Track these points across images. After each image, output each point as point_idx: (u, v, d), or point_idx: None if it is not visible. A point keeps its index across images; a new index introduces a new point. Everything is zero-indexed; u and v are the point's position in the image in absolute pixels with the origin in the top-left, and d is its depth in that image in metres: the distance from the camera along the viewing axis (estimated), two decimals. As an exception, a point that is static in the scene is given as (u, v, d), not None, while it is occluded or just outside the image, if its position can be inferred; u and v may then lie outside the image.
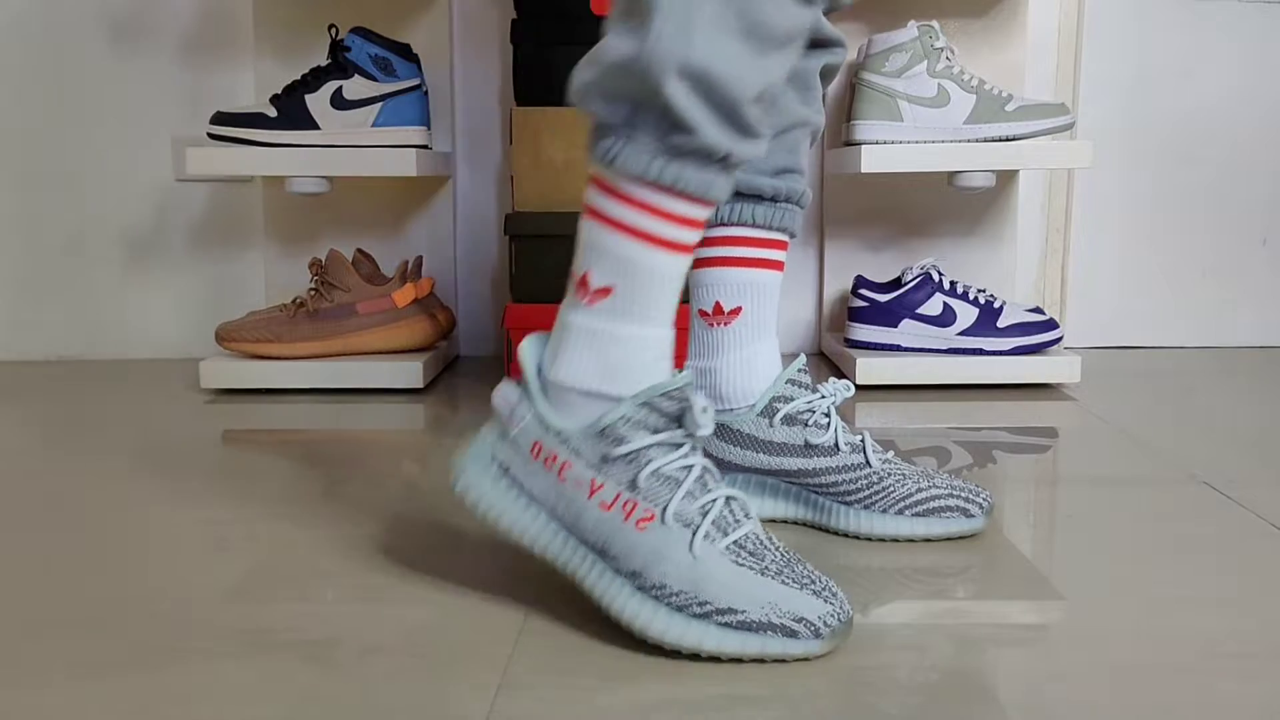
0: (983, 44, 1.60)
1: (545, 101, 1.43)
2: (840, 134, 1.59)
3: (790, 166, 0.86)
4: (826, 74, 0.88)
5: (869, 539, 0.83)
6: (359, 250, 1.49)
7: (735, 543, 0.64)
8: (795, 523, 0.87)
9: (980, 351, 1.41)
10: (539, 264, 1.41)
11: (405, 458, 1.08)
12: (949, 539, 0.83)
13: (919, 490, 0.83)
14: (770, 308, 0.87)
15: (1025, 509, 0.91)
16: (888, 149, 1.35)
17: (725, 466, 0.86)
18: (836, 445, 0.84)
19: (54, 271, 1.66)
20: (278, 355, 1.41)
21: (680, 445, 0.65)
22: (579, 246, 0.67)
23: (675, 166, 0.63)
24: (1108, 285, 1.72)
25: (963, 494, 0.83)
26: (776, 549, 0.65)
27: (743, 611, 0.61)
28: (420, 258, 1.48)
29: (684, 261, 0.66)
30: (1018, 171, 1.63)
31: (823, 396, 0.85)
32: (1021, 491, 0.96)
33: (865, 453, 0.84)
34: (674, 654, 0.63)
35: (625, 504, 0.64)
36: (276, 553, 0.81)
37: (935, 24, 1.41)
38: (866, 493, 0.83)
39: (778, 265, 0.87)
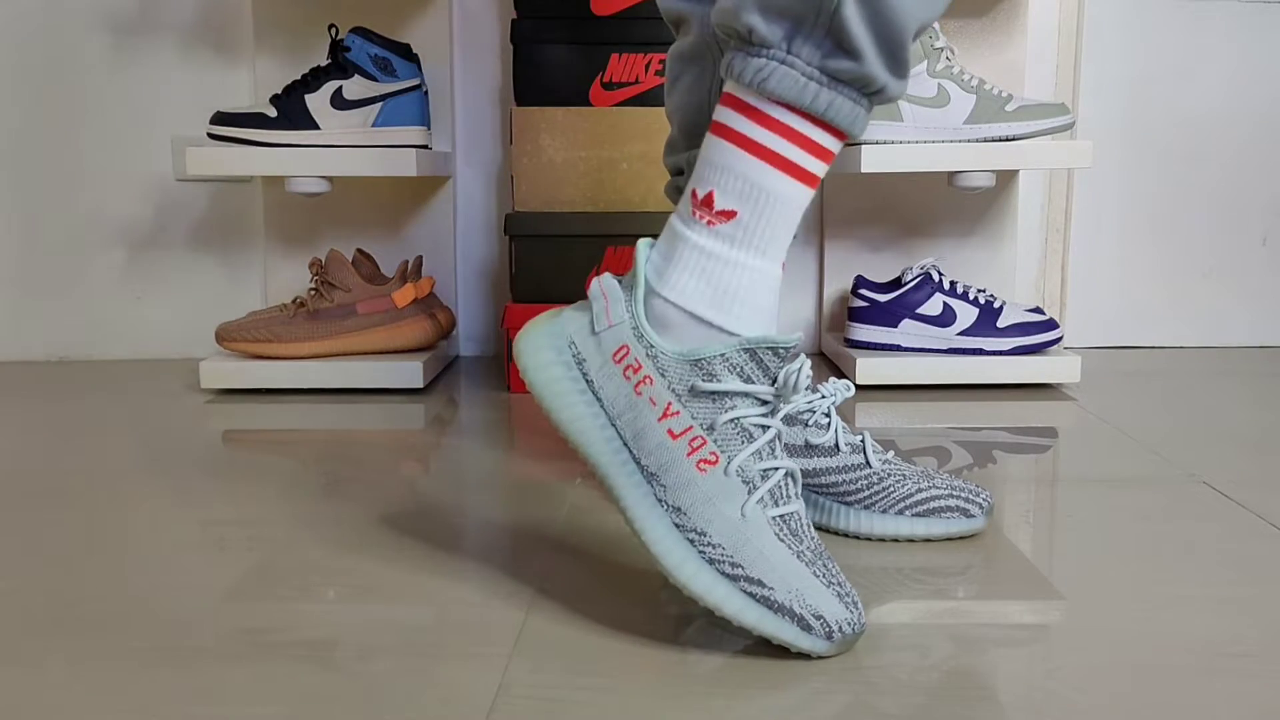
0: (983, 44, 1.60)
1: (545, 101, 1.43)
2: (840, 134, 1.59)
3: None
4: None
5: (869, 539, 0.83)
6: (359, 250, 1.49)
7: (782, 516, 0.63)
8: None
9: (980, 351, 1.41)
10: (539, 264, 1.41)
11: (405, 458, 1.08)
12: (949, 539, 0.83)
13: (919, 490, 0.83)
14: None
15: (1025, 509, 0.91)
16: (888, 149, 1.35)
17: None
18: (837, 445, 0.84)
19: (54, 271, 1.66)
20: (278, 355, 1.41)
21: (766, 403, 0.64)
22: (701, 163, 0.65)
23: (828, 94, 0.61)
24: (1108, 285, 1.72)
25: (963, 494, 0.83)
26: (812, 539, 0.64)
27: (770, 588, 0.61)
28: (420, 258, 1.48)
29: (809, 195, 0.64)
30: (1018, 171, 1.63)
31: (823, 397, 0.85)
32: (1021, 491, 0.96)
33: (865, 453, 0.84)
34: (672, 652, 0.63)
35: (694, 439, 0.63)
36: (276, 553, 0.81)
37: (935, 24, 1.41)
38: (866, 493, 0.83)
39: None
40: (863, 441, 0.85)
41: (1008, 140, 1.38)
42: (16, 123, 1.63)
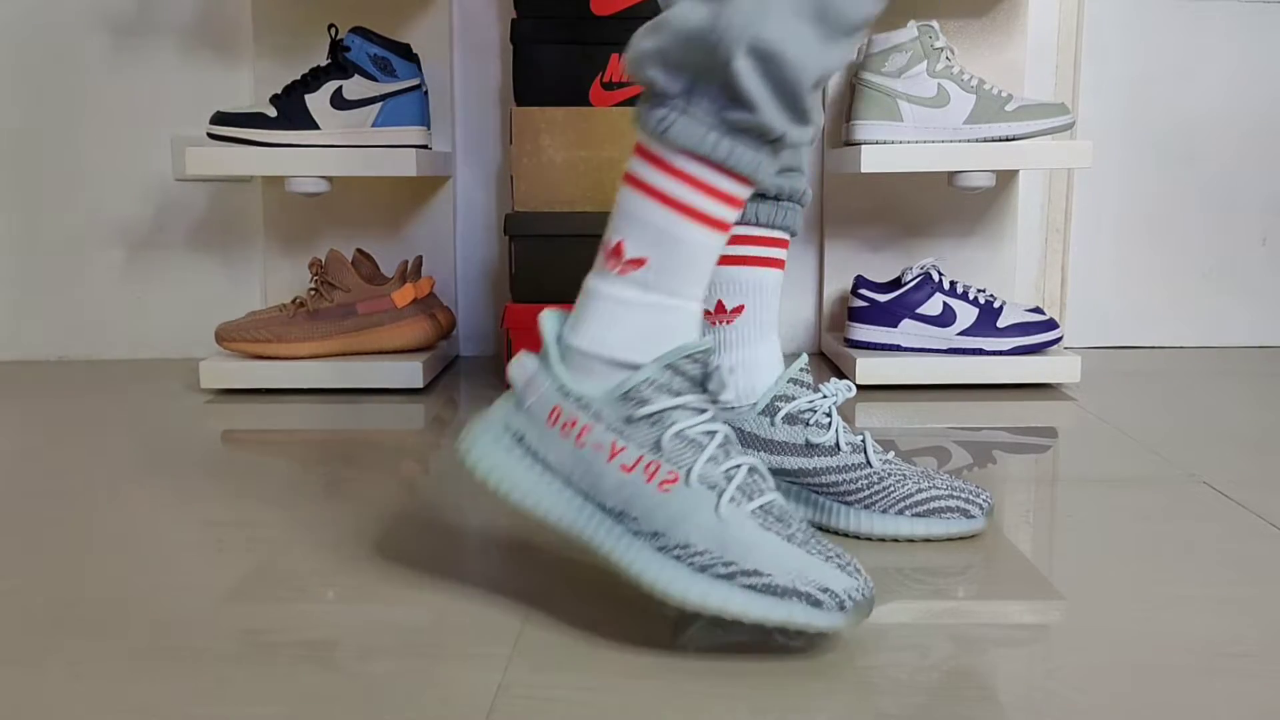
0: (983, 44, 1.60)
1: (545, 101, 1.43)
2: (840, 134, 1.59)
3: (792, 165, 0.86)
4: None
5: (869, 539, 0.83)
6: (359, 250, 1.49)
7: (761, 507, 0.63)
8: None
9: (980, 351, 1.41)
10: (539, 264, 1.41)
11: (405, 458, 1.08)
12: (949, 539, 0.83)
13: (919, 490, 0.83)
14: (772, 307, 0.87)
15: (1025, 509, 0.91)
16: (888, 149, 1.35)
17: None
18: (837, 445, 0.84)
19: (54, 271, 1.66)
20: (277, 355, 1.41)
21: (704, 410, 0.65)
22: (614, 214, 0.66)
23: (729, 142, 0.62)
24: (1108, 285, 1.72)
25: (963, 494, 0.83)
26: (801, 524, 0.64)
27: (768, 574, 0.60)
28: (420, 258, 1.48)
29: (721, 239, 0.66)
30: (1018, 171, 1.63)
31: (824, 396, 0.85)
32: (1021, 491, 0.96)
33: (866, 453, 0.84)
34: (672, 652, 0.63)
35: (648, 466, 0.63)
36: (276, 553, 0.81)
37: (935, 24, 1.41)
38: (867, 493, 0.83)
39: (779, 264, 0.87)
40: (863, 441, 0.85)
41: (1008, 140, 1.38)
42: (16, 123, 1.63)
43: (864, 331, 1.44)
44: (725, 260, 0.85)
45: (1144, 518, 0.88)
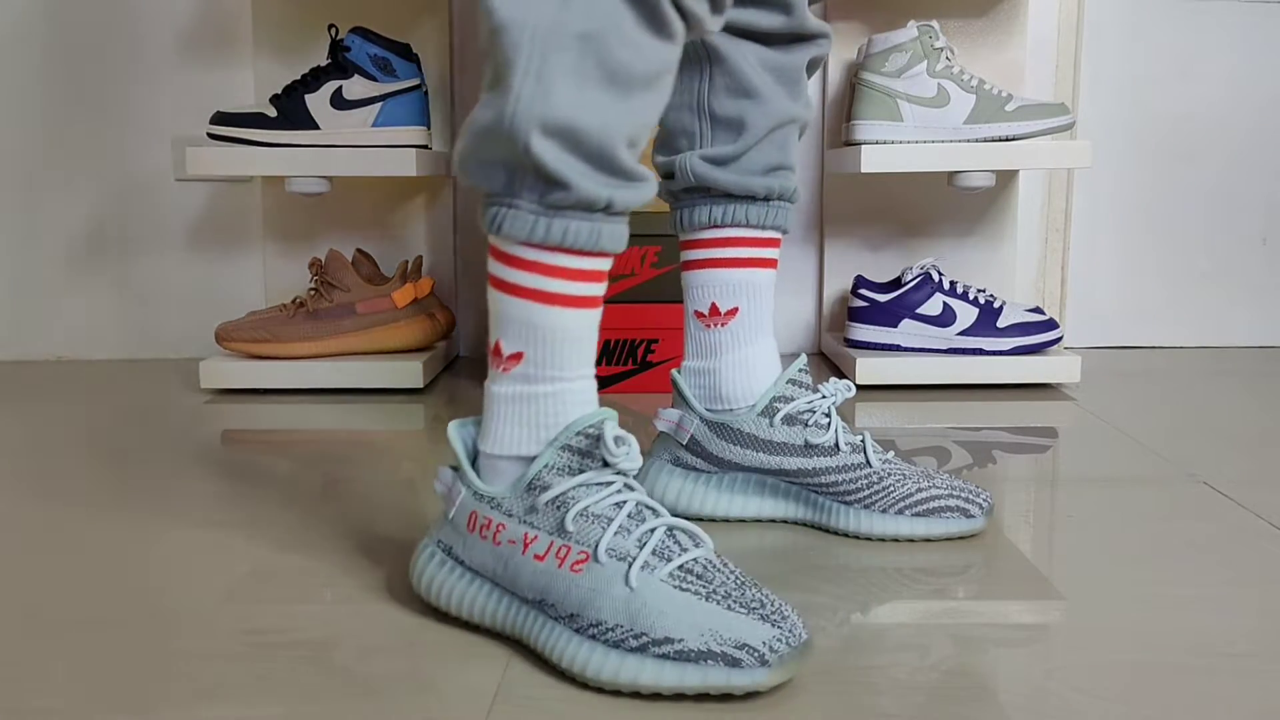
0: (983, 44, 1.60)
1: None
2: (840, 134, 1.59)
3: (780, 163, 0.86)
4: (812, 65, 0.88)
5: (869, 539, 0.83)
6: (359, 250, 1.49)
7: (681, 567, 0.61)
8: (795, 523, 0.87)
9: (980, 351, 1.41)
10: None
11: (405, 458, 1.08)
12: (949, 539, 0.83)
13: (919, 490, 0.83)
14: (766, 306, 0.87)
15: (1025, 509, 0.91)
16: (888, 149, 1.35)
17: (726, 465, 0.86)
18: (837, 445, 0.84)
19: (54, 271, 1.66)
20: (277, 355, 1.41)
21: (610, 484, 0.64)
22: (490, 315, 0.67)
23: (559, 224, 0.62)
24: (1107, 285, 1.72)
25: (963, 494, 0.83)
26: (730, 573, 0.62)
27: (680, 640, 0.58)
28: (420, 258, 1.48)
29: (592, 315, 0.66)
30: (1018, 171, 1.63)
31: (823, 397, 0.86)
32: (1021, 491, 0.96)
33: (865, 453, 0.84)
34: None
35: (559, 551, 0.62)
36: (276, 553, 0.81)
37: (935, 24, 1.41)
38: (866, 493, 0.83)
39: (772, 263, 0.87)
40: (863, 441, 0.85)
41: (1008, 140, 1.38)
42: (17, 123, 1.63)
43: (864, 331, 1.44)
44: (717, 263, 0.86)
45: (1144, 518, 0.88)
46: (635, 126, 0.63)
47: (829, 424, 0.85)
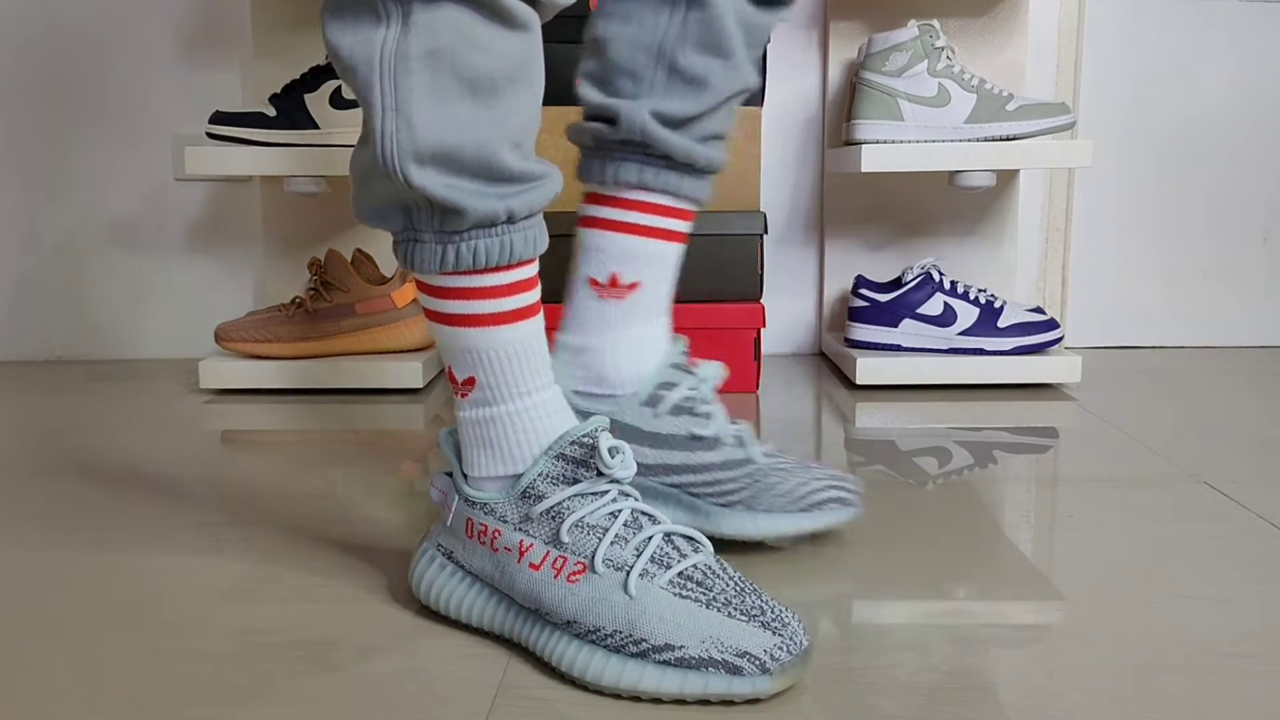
0: (983, 43, 1.60)
1: (545, 101, 1.43)
2: (840, 134, 1.59)
3: (720, 132, 0.79)
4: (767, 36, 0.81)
5: (752, 541, 0.80)
6: (358, 250, 1.49)
7: (680, 574, 0.61)
8: None
9: (981, 351, 1.41)
10: (538, 263, 1.41)
11: (405, 458, 1.08)
12: (829, 530, 0.81)
13: (801, 485, 0.78)
14: (670, 283, 0.79)
15: (1025, 509, 0.91)
16: (888, 149, 1.35)
17: None
18: (719, 438, 0.78)
19: (54, 271, 1.66)
20: (277, 355, 1.41)
21: (604, 493, 0.63)
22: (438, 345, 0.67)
23: (466, 247, 0.61)
24: (1108, 285, 1.72)
25: (837, 482, 0.79)
26: (730, 579, 0.61)
27: (680, 647, 0.58)
28: (420, 257, 1.48)
29: (531, 325, 0.65)
30: (1018, 171, 1.63)
31: (702, 380, 0.79)
32: (1021, 491, 0.96)
33: (746, 445, 0.79)
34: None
35: (555, 562, 0.62)
36: (275, 553, 0.81)
37: (935, 23, 1.41)
38: (749, 491, 0.78)
39: (683, 238, 0.79)
40: (742, 433, 0.80)
41: (1008, 140, 1.38)
42: (16, 123, 1.63)
43: (864, 331, 1.44)
44: (629, 228, 0.77)
45: (1144, 518, 0.88)
46: (514, 128, 0.60)
47: (711, 413, 0.78)
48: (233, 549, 0.82)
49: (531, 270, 0.65)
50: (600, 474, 0.63)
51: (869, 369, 1.38)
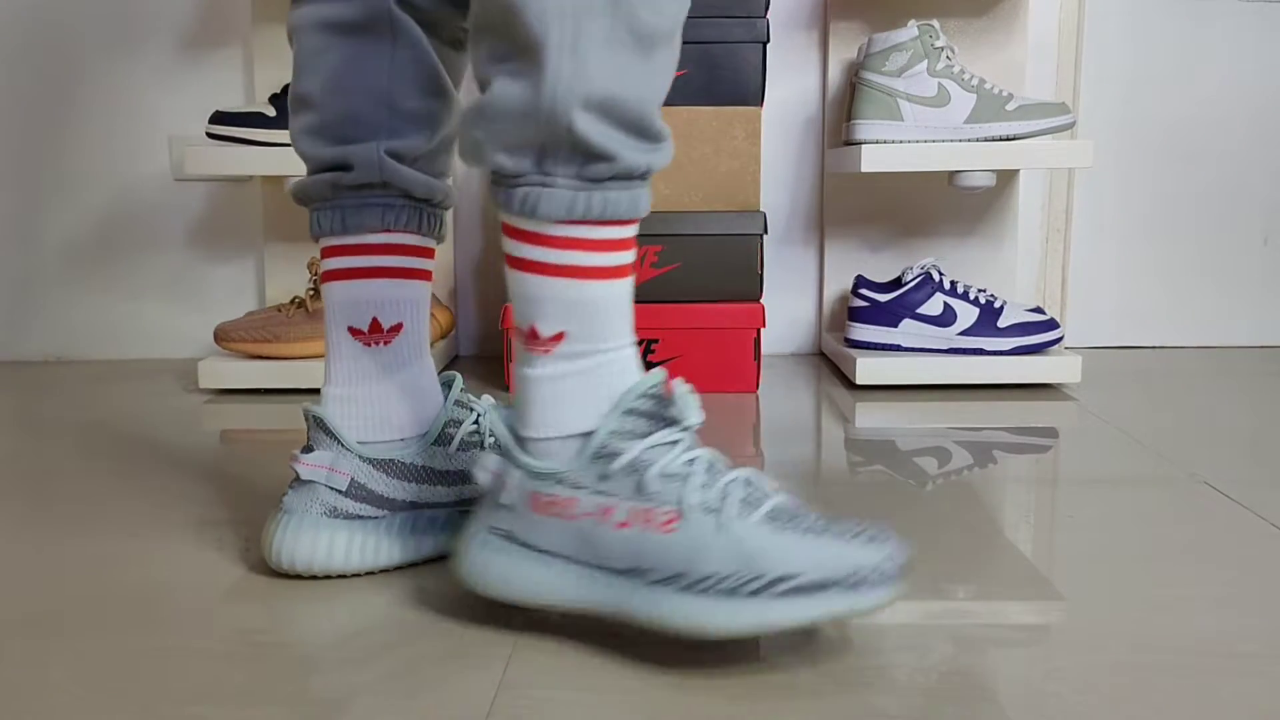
0: (983, 43, 1.60)
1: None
2: (840, 134, 1.59)
3: (447, 169, 0.81)
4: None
5: None
6: (358, 250, 1.48)
7: (771, 511, 0.61)
8: None
9: (981, 351, 1.41)
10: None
11: (405, 457, 1.08)
12: None
13: None
14: (426, 322, 0.79)
15: (1025, 509, 0.91)
16: (888, 149, 1.35)
17: (398, 506, 0.75)
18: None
19: (52, 271, 1.66)
20: (276, 355, 1.41)
21: (677, 441, 0.63)
22: (514, 298, 0.65)
23: (599, 196, 0.61)
24: (1108, 285, 1.72)
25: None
26: (813, 515, 0.63)
27: (798, 575, 0.58)
28: (420, 257, 1.48)
29: (628, 283, 0.65)
30: (1018, 171, 1.63)
31: (483, 414, 0.78)
32: (1022, 491, 0.96)
33: None
34: (671, 652, 0.63)
35: (642, 514, 0.61)
36: (275, 553, 0.81)
37: (935, 23, 1.41)
38: None
39: (429, 276, 0.79)
40: None
41: (1008, 140, 1.38)
42: (16, 123, 1.62)
43: (864, 331, 1.44)
44: (376, 273, 0.76)
45: (1144, 518, 0.88)
46: (663, 87, 0.62)
47: (498, 442, 0.76)
48: (233, 549, 0.82)
49: (634, 230, 0.65)
50: (669, 425, 0.63)
51: (869, 369, 1.38)
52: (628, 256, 0.65)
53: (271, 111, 1.37)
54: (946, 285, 1.42)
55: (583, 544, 0.63)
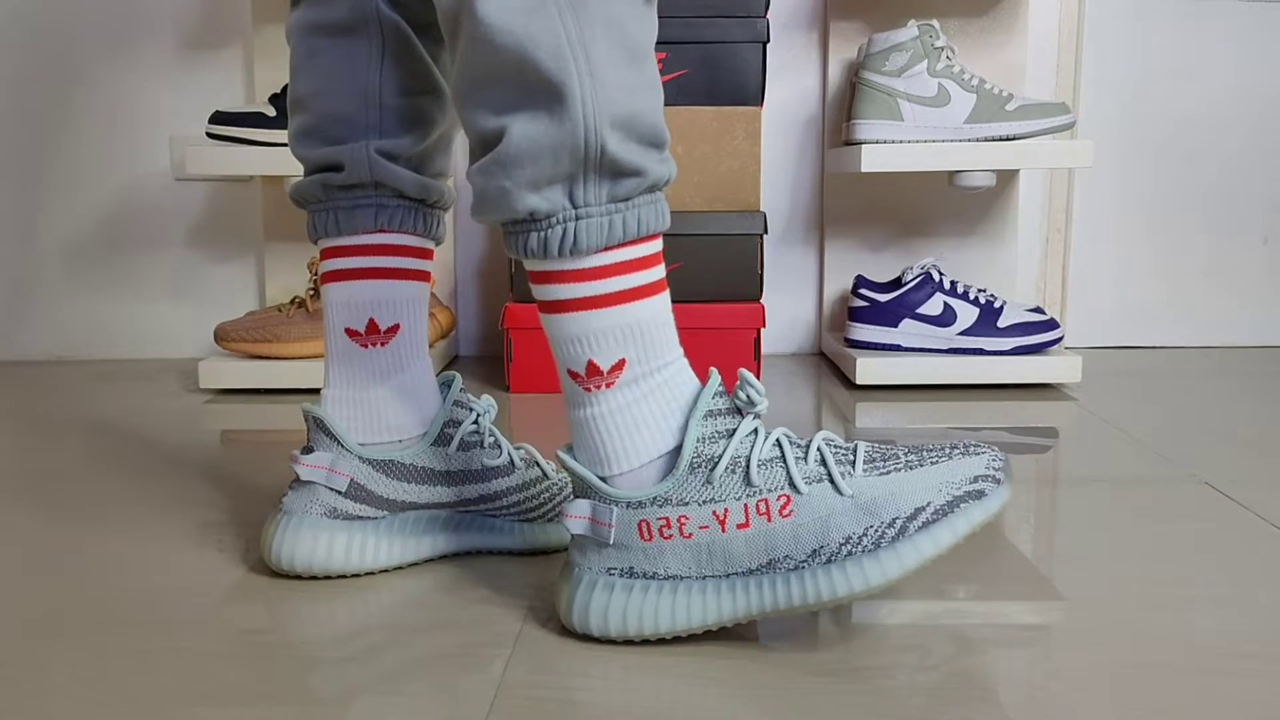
0: (983, 43, 1.60)
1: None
2: (840, 134, 1.59)
3: (445, 169, 0.81)
4: None
5: (557, 551, 0.80)
6: (358, 250, 1.48)
7: (866, 461, 0.63)
8: (474, 552, 0.80)
9: (981, 351, 1.41)
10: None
11: (405, 458, 1.08)
12: None
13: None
14: (424, 322, 0.79)
15: (1025, 509, 0.91)
16: (888, 148, 1.35)
17: (398, 506, 0.75)
18: (512, 463, 0.78)
19: (53, 271, 1.66)
20: (276, 355, 1.41)
21: (756, 430, 0.64)
22: (558, 344, 0.64)
23: (632, 215, 0.61)
24: (1108, 285, 1.72)
25: None
26: (901, 451, 0.64)
27: (928, 505, 0.61)
28: (420, 257, 1.48)
29: (667, 294, 0.65)
30: (1018, 171, 1.63)
31: (482, 413, 0.78)
32: (1021, 491, 0.96)
33: (540, 465, 0.80)
34: (672, 652, 0.63)
35: (758, 507, 0.62)
36: (276, 553, 0.81)
37: (935, 23, 1.41)
38: (550, 505, 0.79)
39: (429, 277, 0.79)
40: (531, 454, 0.80)
41: (1008, 140, 1.38)
42: (16, 123, 1.63)
43: (864, 331, 1.44)
44: (372, 273, 0.75)
45: (1144, 518, 0.88)
46: (660, 97, 0.63)
47: (498, 443, 0.78)
48: (233, 549, 0.82)
49: (661, 242, 0.65)
50: (742, 414, 0.63)
51: (869, 369, 1.39)
52: (663, 268, 0.65)
53: (271, 111, 1.37)
54: (946, 285, 1.42)
55: (708, 557, 0.63)
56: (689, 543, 0.63)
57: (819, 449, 0.63)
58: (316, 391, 1.41)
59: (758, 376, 1.40)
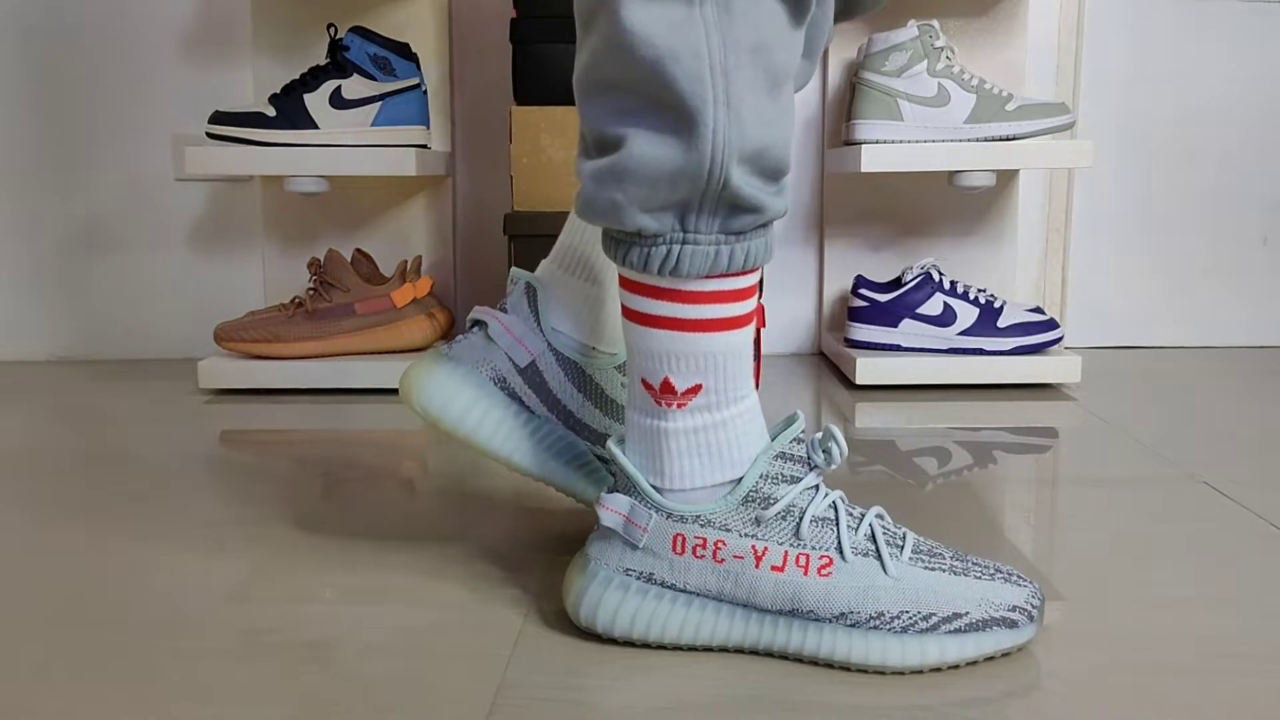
0: (983, 43, 1.60)
1: (545, 101, 1.43)
2: (840, 134, 1.59)
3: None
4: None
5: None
6: (358, 250, 1.49)
7: (914, 549, 0.63)
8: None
9: (980, 351, 1.41)
10: (538, 264, 1.41)
11: (405, 458, 1.08)
12: None
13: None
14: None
15: (1025, 509, 0.91)
16: (888, 148, 1.35)
17: (553, 409, 0.75)
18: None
19: (54, 271, 1.66)
20: (276, 355, 1.41)
21: (818, 486, 0.63)
22: (638, 354, 0.63)
23: (741, 248, 0.60)
24: (1108, 285, 1.72)
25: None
26: (950, 551, 0.65)
27: (966, 614, 0.61)
28: (419, 258, 1.48)
29: (751, 328, 0.64)
30: (1018, 171, 1.63)
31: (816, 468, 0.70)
32: (1022, 491, 0.96)
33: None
34: (670, 654, 0.63)
35: (798, 559, 0.62)
36: (276, 553, 0.81)
37: (935, 23, 1.41)
38: None
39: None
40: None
41: (1008, 140, 1.38)
42: (16, 123, 1.62)
43: (864, 331, 1.44)
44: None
45: (1144, 518, 0.88)
46: (793, 124, 0.60)
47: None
48: (234, 549, 0.82)
49: (758, 274, 0.64)
50: (813, 469, 0.63)
51: (869, 369, 1.38)
52: (755, 301, 0.63)
53: (272, 111, 1.37)
54: (946, 285, 1.42)
55: (733, 584, 0.63)
56: (719, 566, 0.63)
57: (870, 525, 0.64)
58: (317, 392, 1.41)
59: (758, 376, 1.40)
